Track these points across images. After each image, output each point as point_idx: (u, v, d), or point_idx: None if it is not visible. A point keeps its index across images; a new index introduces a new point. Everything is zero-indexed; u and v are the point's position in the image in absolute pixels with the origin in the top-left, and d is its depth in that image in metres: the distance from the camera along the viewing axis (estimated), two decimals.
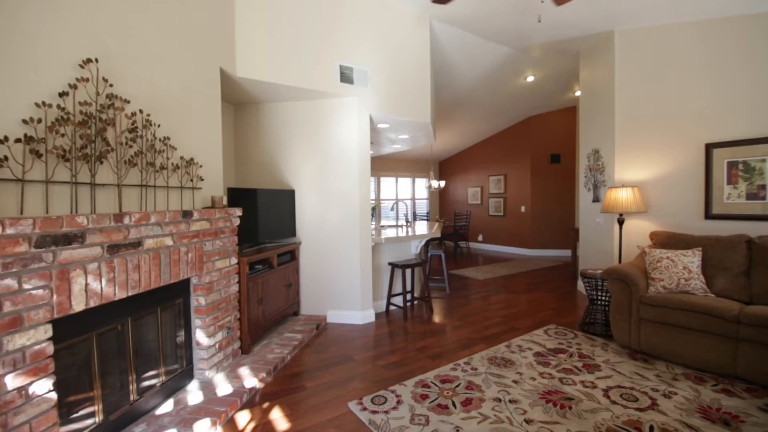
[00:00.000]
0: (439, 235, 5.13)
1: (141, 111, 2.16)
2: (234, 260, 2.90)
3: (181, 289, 2.48)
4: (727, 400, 2.36)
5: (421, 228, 5.38)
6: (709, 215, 3.64)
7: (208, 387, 2.49)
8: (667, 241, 3.45)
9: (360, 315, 3.96)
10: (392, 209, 5.55)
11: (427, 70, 4.42)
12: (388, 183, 10.15)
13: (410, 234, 4.49)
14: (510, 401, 2.37)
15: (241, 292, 3.00)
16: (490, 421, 2.15)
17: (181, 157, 2.49)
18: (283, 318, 3.84)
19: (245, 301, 3.02)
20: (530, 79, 6.15)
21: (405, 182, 10.55)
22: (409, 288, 4.61)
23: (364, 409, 2.31)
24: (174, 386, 2.40)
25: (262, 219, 3.53)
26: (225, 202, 2.81)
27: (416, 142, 6.25)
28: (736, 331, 2.58)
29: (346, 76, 3.76)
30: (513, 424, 2.12)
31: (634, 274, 3.11)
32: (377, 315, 4.21)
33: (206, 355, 2.58)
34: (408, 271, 4.60)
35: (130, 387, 2.09)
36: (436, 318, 4.14)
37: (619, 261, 4.01)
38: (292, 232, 3.97)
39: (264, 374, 2.69)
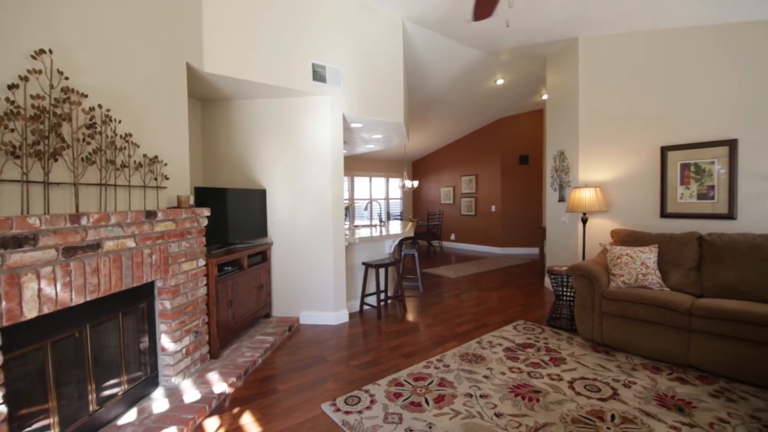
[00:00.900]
0: (412, 234, 5.18)
1: (100, 106, 2.05)
2: (202, 262, 2.81)
3: (145, 292, 2.38)
4: (681, 387, 2.52)
5: (395, 227, 5.41)
6: (664, 214, 3.86)
7: (174, 394, 2.40)
8: (627, 238, 3.64)
9: (333, 315, 3.93)
10: (366, 209, 5.55)
11: (400, 71, 4.45)
12: (362, 183, 10.13)
13: (384, 233, 4.51)
14: (481, 396, 2.42)
15: (209, 295, 2.91)
16: (462, 416, 2.20)
17: (144, 155, 2.38)
18: (255, 320, 3.76)
19: (214, 303, 2.93)
20: (500, 82, 6.31)
21: (379, 182, 10.56)
22: (382, 287, 4.62)
23: (338, 410, 2.29)
24: (138, 394, 2.30)
25: (232, 219, 3.44)
26: (192, 201, 2.72)
27: (390, 142, 6.27)
28: (689, 323, 2.76)
29: (318, 75, 3.72)
30: (484, 418, 2.18)
31: (597, 270, 3.26)
32: (351, 315, 4.19)
33: (172, 360, 2.48)
34: (382, 271, 4.61)
35: (90, 397, 1.98)
36: (410, 317, 4.17)
37: (583, 258, 4.19)
38: (264, 232, 3.89)
39: (234, 378, 2.62)
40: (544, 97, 6.57)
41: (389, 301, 4.71)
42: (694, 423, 2.11)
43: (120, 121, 2.19)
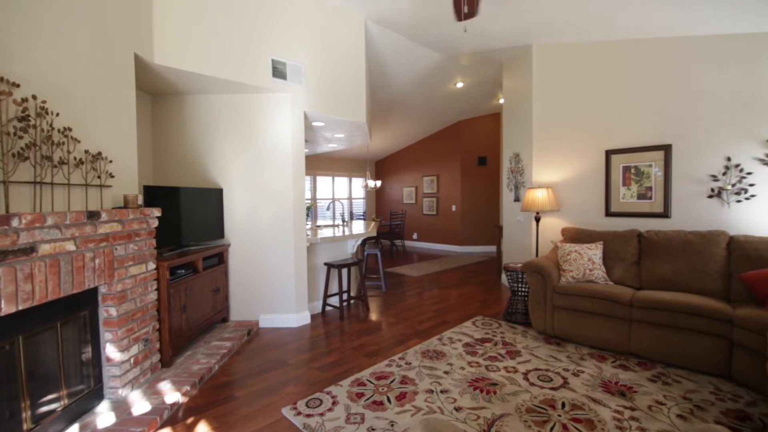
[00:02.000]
0: (375, 234, 5.20)
1: (34, 97, 1.88)
2: (152, 265, 2.66)
3: (87, 299, 2.21)
4: (624, 374, 2.72)
5: (358, 227, 5.40)
6: (608, 213, 4.15)
7: (121, 407, 2.25)
8: (576, 236, 3.87)
9: (295, 318, 3.86)
10: (328, 209, 5.50)
11: (363, 71, 4.45)
12: (324, 182, 10.02)
13: (347, 233, 4.49)
14: (441, 391, 2.48)
15: (160, 300, 2.76)
16: (423, 412, 2.24)
17: (86, 151, 2.21)
18: (211, 325, 3.60)
19: (165, 309, 2.78)
20: (460, 85, 6.49)
21: (342, 181, 10.50)
22: (345, 288, 4.60)
23: (299, 413, 2.26)
24: (79, 409, 2.13)
25: (186, 220, 3.28)
26: (140, 201, 2.56)
27: (352, 141, 6.25)
28: (630, 314, 2.98)
29: (278, 71, 3.64)
30: (444, 412, 2.23)
31: (548, 266, 3.44)
32: (313, 316, 4.14)
33: (119, 371, 2.33)
34: (344, 271, 4.58)
35: (23, 415, 1.81)
36: (373, 316, 4.19)
37: (537, 255, 4.40)
38: (220, 233, 3.74)
39: (188, 387, 2.50)
40: (501, 101, 6.84)
41: (352, 301, 4.70)
42: (635, 406, 2.28)
43: (58, 114, 2.02)
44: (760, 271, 2.76)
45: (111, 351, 2.31)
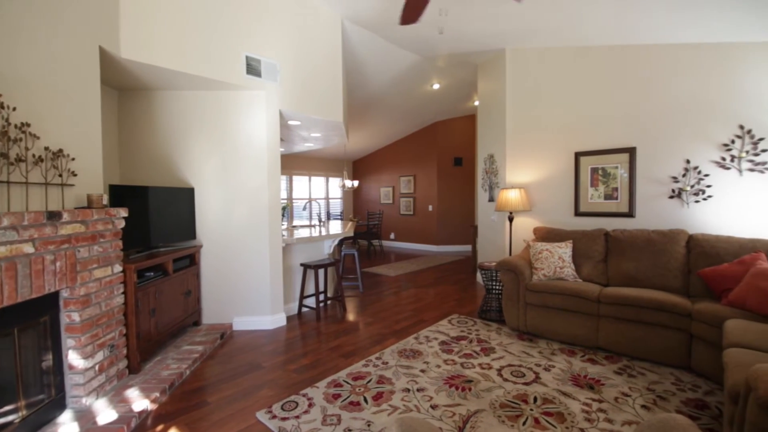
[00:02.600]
0: (352, 234, 5.18)
1: None
2: (118, 268, 2.55)
3: (48, 304, 2.10)
4: (592, 367, 2.82)
5: (335, 227, 5.36)
6: (577, 212, 4.30)
7: (86, 416, 2.15)
8: (547, 235, 3.99)
9: (270, 320, 3.79)
10: (305, 209, 5.44)
11: (339, 70, 4.42)
12: (301, 182, 9.90)
13: (323, 233, 4.45)
14: (418, 390, 2.50)
15: (127, 304, 2.65)
16: (400, 411, 2.25)
17: (47, 148, 2.09)
18: (182, 329, 3.49)
19: (133, 313, 2.67)
20: (436, 86, 6.56)
21: (318, 181, 10.40)
22: (322, 288, 4.57)
23: (274, 417, 2.22)
24: (40, 420, 2.02)
25: (155, 220, 3.17)
26: (106, 201, 2.45)
27: (329, 141, 6.21)
28: (597, 309, 3.10)
29: (253, 68, 3.57)
30: (420, 411, 2.25)
31: (521, 265, 3.53)
32: (289, 318, 4.08)
33: (82, 379, 2.22)
34: (321, 272, 4.55)
35: None
36: (350, 316, 4.17)
37: (510, 254, 4.51)
38: (192, 234, 3.63)
39: (158, 393, 2.41)
40: (476, 103, 6.96)
41: (329, 302, 4.67)
42: (602, 398, 2.37)
43: (14, 108, 1.90)
44: (716, 268, 2.93)
45: (74, 358, 2.20)
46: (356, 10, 4.13)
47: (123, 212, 2.53)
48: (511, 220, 4.46)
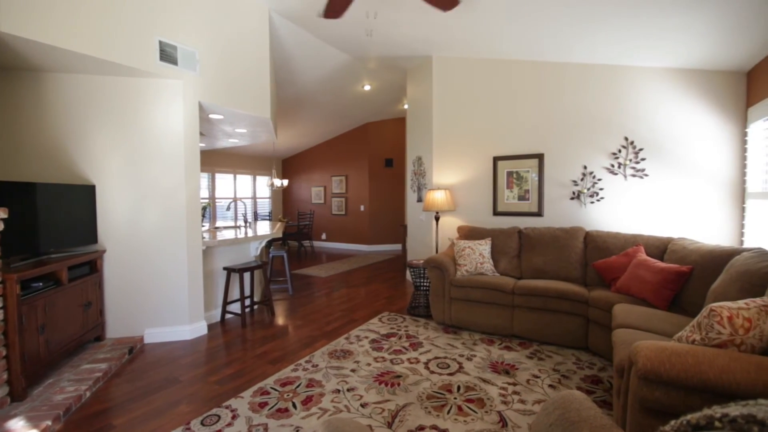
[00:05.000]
0: (281, 235, 5.01)
1: None
2: None
3: None
4: (508, 354, 3.08)
5: (263, 228, 5.14)
6: (495, 212, 4.65)
7: None
8: (469, 233, 4.25)
9: (188, 329, 3.51)
10: (228, 209, 5.12)
11: (267, 64, 4.25)
12: (224, 180, 9.30)
13: (249, 235, 4.24)
14: (348, 390, 2.50)
15: (7, 321, 2.26)
16: (330, 413, 2.23)
17: None
18: (81, 346, 3.08)
19: (15, 331, 2.28)
20: (367, 87, 6.62)
21: (245, 180, 9.87)
22: (248, 293, 4.35)
23: None
24: None
25: (45, 222, 2.75)
26: None
27: (257, 137, 5.92)
28: (512, 300, 3.39)
29: (168, 55, 3.27)
30: (351, 410, 2.25)
31: (446, 262, 3.72)
32: (210, 326, 3.81)
33: None
34: (246, 275, 4.33)
35: None
36: (278, 321, 4.03)
37: (437, 252, 4.72)
38: (92, 237, 3.22)
39: (49, 422, 2.10)
40: (406, 106, 7.16)
41: (256, 307, 4.46)
42: (516, 382, 2.60)
43: None
44: (607, 260, 3.38)
45: None
46: (284, 2, 4.00)
47: (2, 213, 2.15)
48: (437, 219, 4.67)
